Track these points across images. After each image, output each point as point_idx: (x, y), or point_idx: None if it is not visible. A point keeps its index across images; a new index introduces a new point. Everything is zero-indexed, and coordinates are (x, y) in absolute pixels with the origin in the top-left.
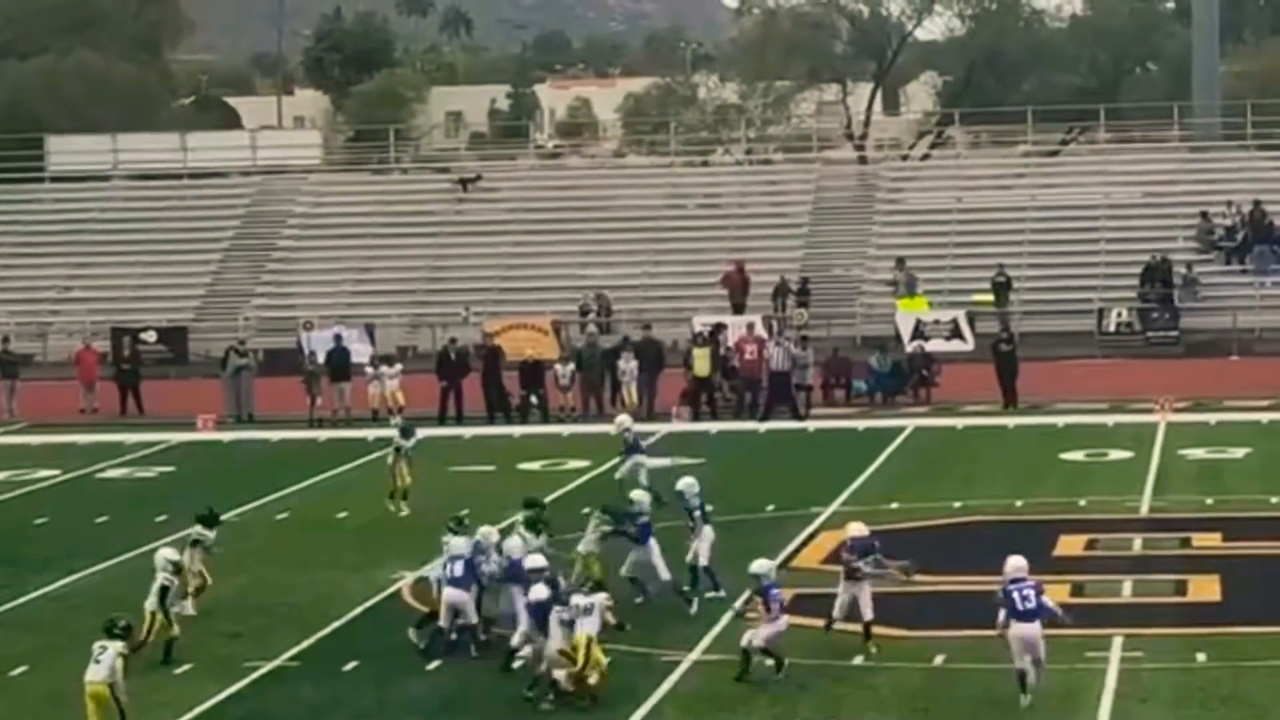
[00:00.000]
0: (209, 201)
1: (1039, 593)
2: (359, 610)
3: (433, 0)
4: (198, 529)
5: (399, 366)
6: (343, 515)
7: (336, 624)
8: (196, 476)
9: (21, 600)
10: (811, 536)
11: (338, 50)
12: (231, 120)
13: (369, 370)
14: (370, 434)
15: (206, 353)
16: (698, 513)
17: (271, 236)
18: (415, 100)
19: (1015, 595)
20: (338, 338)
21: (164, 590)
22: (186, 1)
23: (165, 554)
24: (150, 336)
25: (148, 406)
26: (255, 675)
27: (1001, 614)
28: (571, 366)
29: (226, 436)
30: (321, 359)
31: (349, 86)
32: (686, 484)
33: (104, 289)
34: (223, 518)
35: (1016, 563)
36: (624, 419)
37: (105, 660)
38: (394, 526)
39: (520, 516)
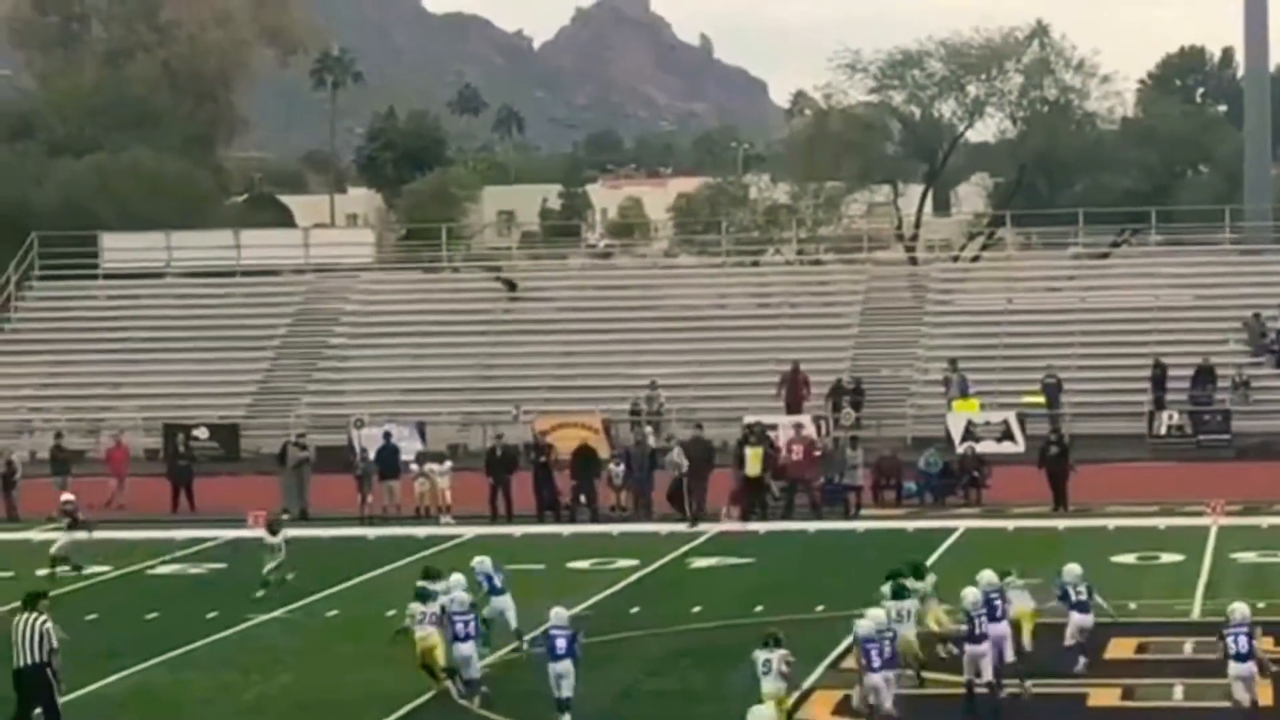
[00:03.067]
0: (262, 299)
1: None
2: (407, 709)
3: (485, 100)
4: None
5: (449, 464)
6: (392, 613)
7: None
8: (247, 573)
9: (71, 697)
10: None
11: (390, 148)
12: (284, 218)
13: (414, 468)
14: (420, 531)
15: (258, 449)
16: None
17: (323, 334)
18: (467, 199)
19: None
20: (387, 435)
21: None
22: (240, 100)
23: None
24: (202, 433)
25: (199, 503)
26: None
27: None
28: (622, 466)
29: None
30: (372, 456)
31: (401, 185)
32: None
33: (156, 385)
34: (274, 614)
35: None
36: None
37: None
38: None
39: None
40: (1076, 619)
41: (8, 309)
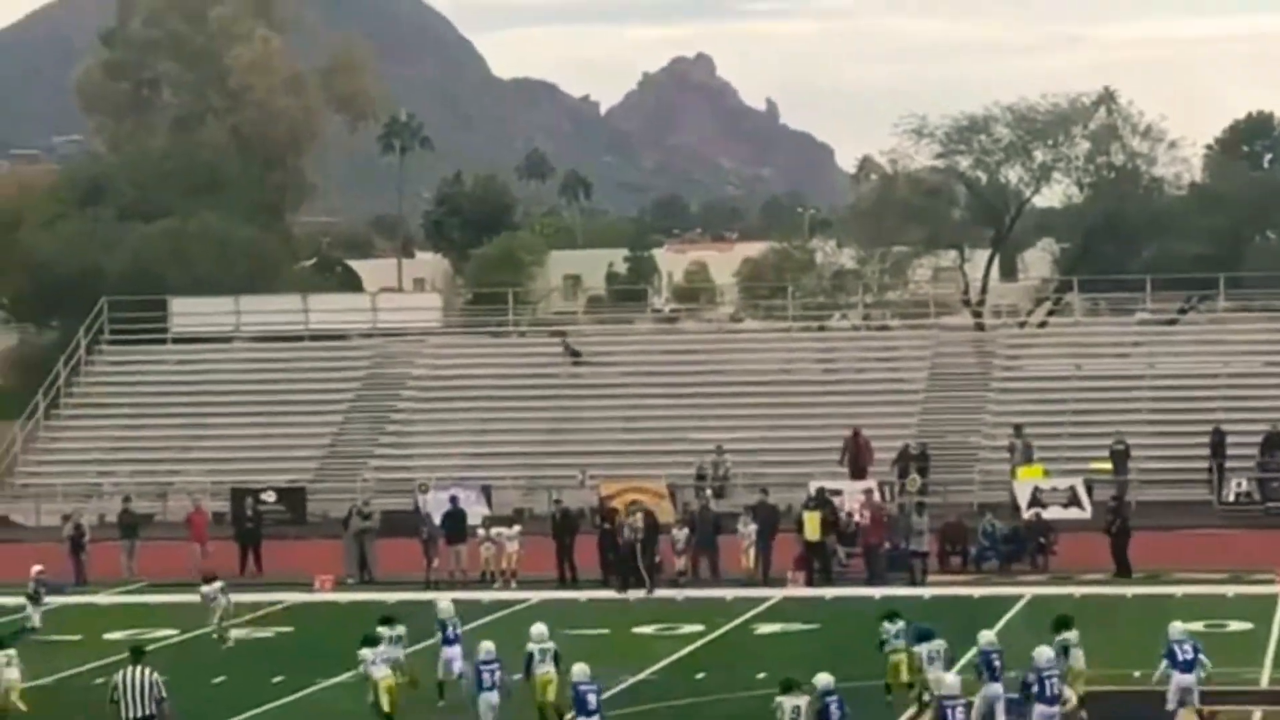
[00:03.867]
0: (329, 363)
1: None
2: None
3: (552, 164)
4: None
5: (518, 528)
6: (457, 677)
7: None
8: (313, 637)
9: None
10: (925, 705)
11: (458, 213)
12: (352, 282)
13: (480, 532)
14: (485, 596)
15: (325, 513)
16: None
17: (391, 398)
18: (534, 263)
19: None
20: (454, 499)
21: None
22: (309, 165)
23: None
24: (270, 496)
25: (266, 566)
26: None
27: None
28: (686, 530)
29: (344, 598)
30: (437, 520)
31: (468, 249)
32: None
33: (225, 449)
34: (340, 679)
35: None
36: (446, 605)
37: None
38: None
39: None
40: (1178, 679)
41: (78, 373)
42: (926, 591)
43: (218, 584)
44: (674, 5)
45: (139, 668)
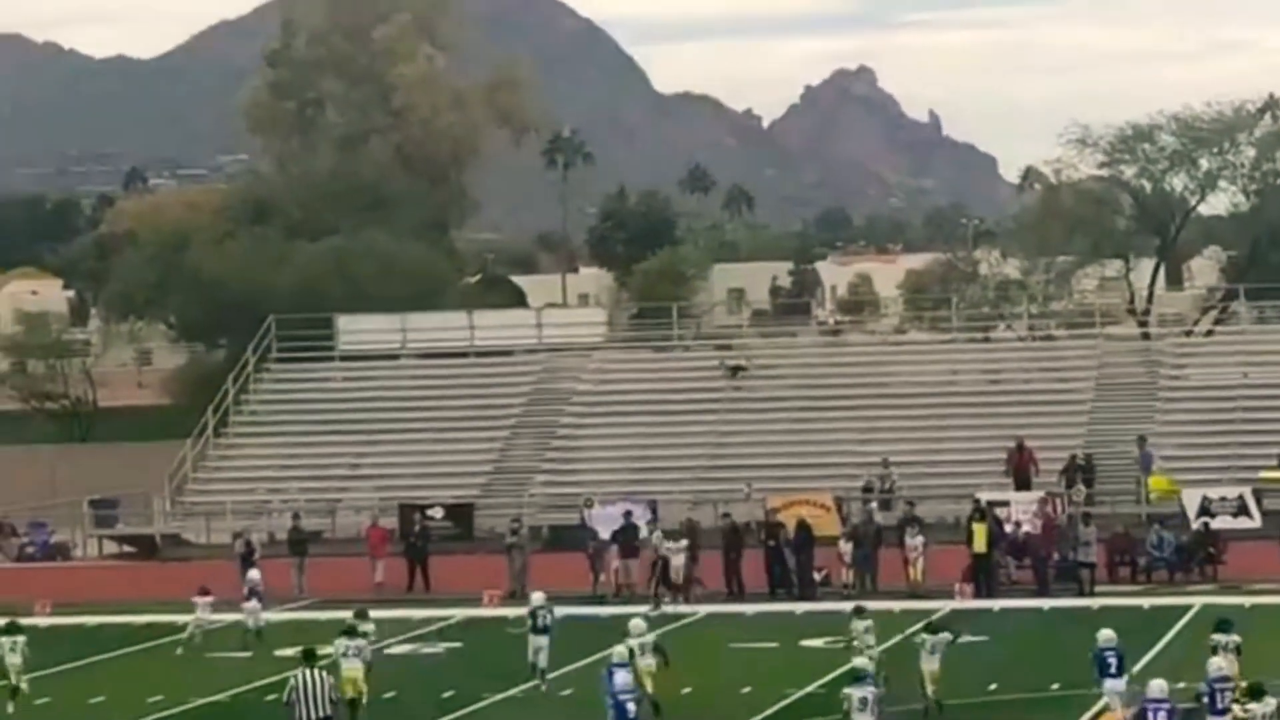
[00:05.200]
0: (495, 379)
1: None
2: None
3: (715, 178)
4: None
5: (685, 542)
6: None
7: None
8: (482, 653)
9: None
10: (1098, 715)
11: (621, 228)
12: (516, 298)
13: (654, 543)
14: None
15: (492, 529)
16: None
17: (556, 413)
18: (697, 277)
19: None
20: (627, 514)
21: None
22: (473, 181)
23: None
24: (437, 513)
25: (434, 582)
26: None
27: None
28: (851, 543)
29: (512, 612)
30: (606, 535)
31: (632, 264)
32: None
33: (392, 466)
34: (509, 694)
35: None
36: (538, 595)
37: None
38: (676, 702)
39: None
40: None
41: (246, 391)
42: (1095, 602)
43: (210, 598)
44: (836, 18)
45: (313, 669)
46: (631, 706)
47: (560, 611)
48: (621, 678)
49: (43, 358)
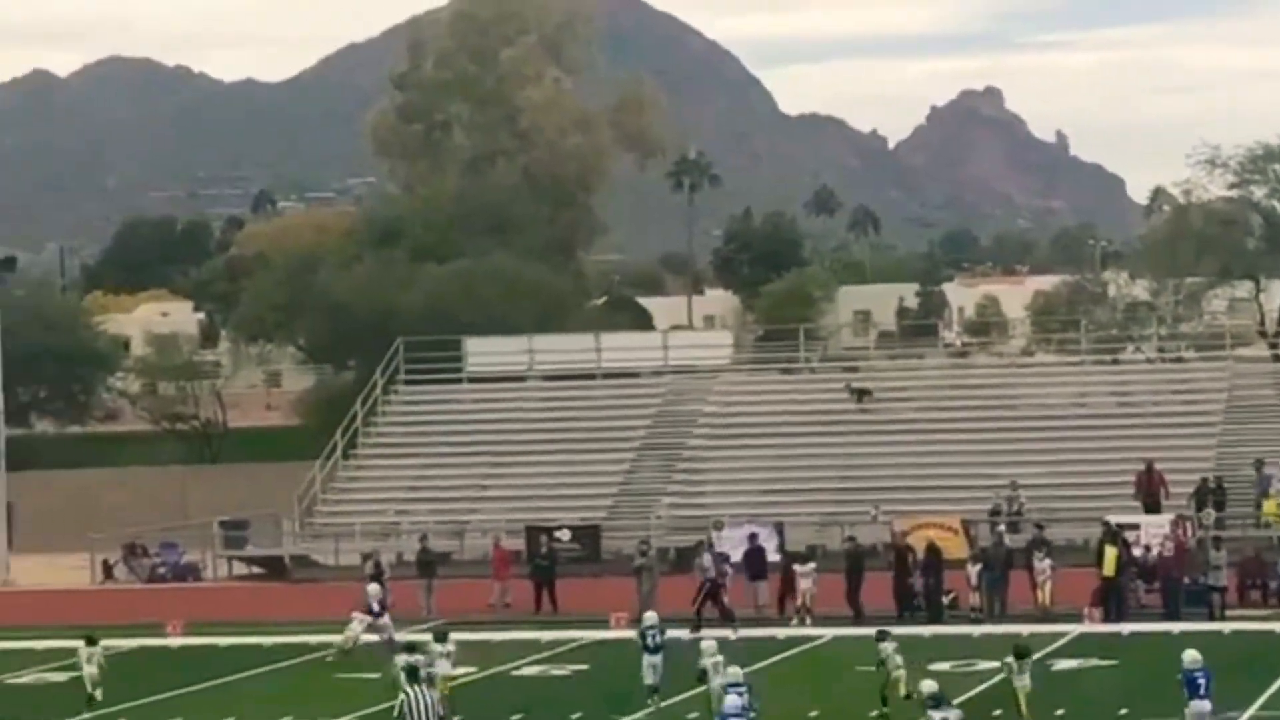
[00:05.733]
0: (621, 401)
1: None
2: None
3: (841, 199)
4: None
5: (813, 565)
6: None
7: None
8: (610, 675)
9: None
10: None
11: (747, 249)
12: (642, 320)
13: (796, 567)
14: (780, 632)
15: (619, 551)
16: None
17: (682, 435)
18: (823, 299)
19: None
20: (753, 536)
21: None
22: (599, 203)
23: None
24: (564, 534)
25: (561, 604)
26: None
27: None
28: (979, 566)
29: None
30: (737, 557)
31: (758, 285)
32: None
33: (519, 487)
34: (635, 716)
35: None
36: (650, 616)
37: None
38: None
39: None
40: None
41: (375, 413)
42: (1226, 626)
43: (98, 649)
44: (963, 38)
45: (421, 687)
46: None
47: (690, 635)
48: (732, 701)
49: (173, 379)
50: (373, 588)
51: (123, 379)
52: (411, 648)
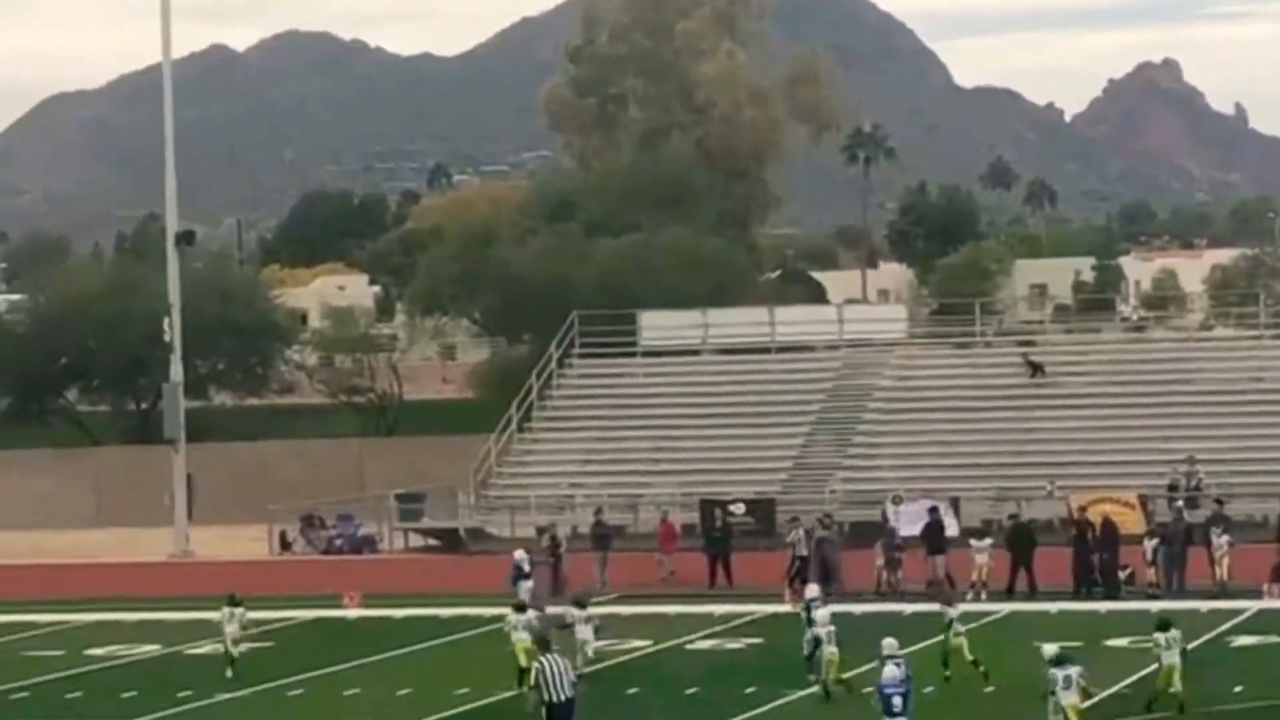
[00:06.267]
0: (795, 375)
1: None
2: None
3: (1016, 172)
4: None
5: (989, 540)
6: (929, 690)
7: None
8: (784, 649)
9: None
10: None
11: (922, 223)
12: (817, 294)
13: (974, 543)
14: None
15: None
16: None
17: (857, 409)
18: (999, 273)
19: None
20: (933, 510)
21: None
22: (773, 177)
23: None
24: (739, 508)
25: (736, 577)
26: None
27: None
28: (1156, 541)
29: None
30: (916, 531)
31: (933, 259)
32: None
33: (693, 461)
34: (810, 690)
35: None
36: (813, 589)
37: None
38: (978, 701)
39: None
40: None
41: (550, 386)
42: None
43: (240, 610)
44: (1139, 10)
45: (553, 655)
46: (898, 701)
47: (859, 610)
48: (890, 671)
49: (349, 352)
50: (519, 553)
51: (299, 352)
52: (521, 607)
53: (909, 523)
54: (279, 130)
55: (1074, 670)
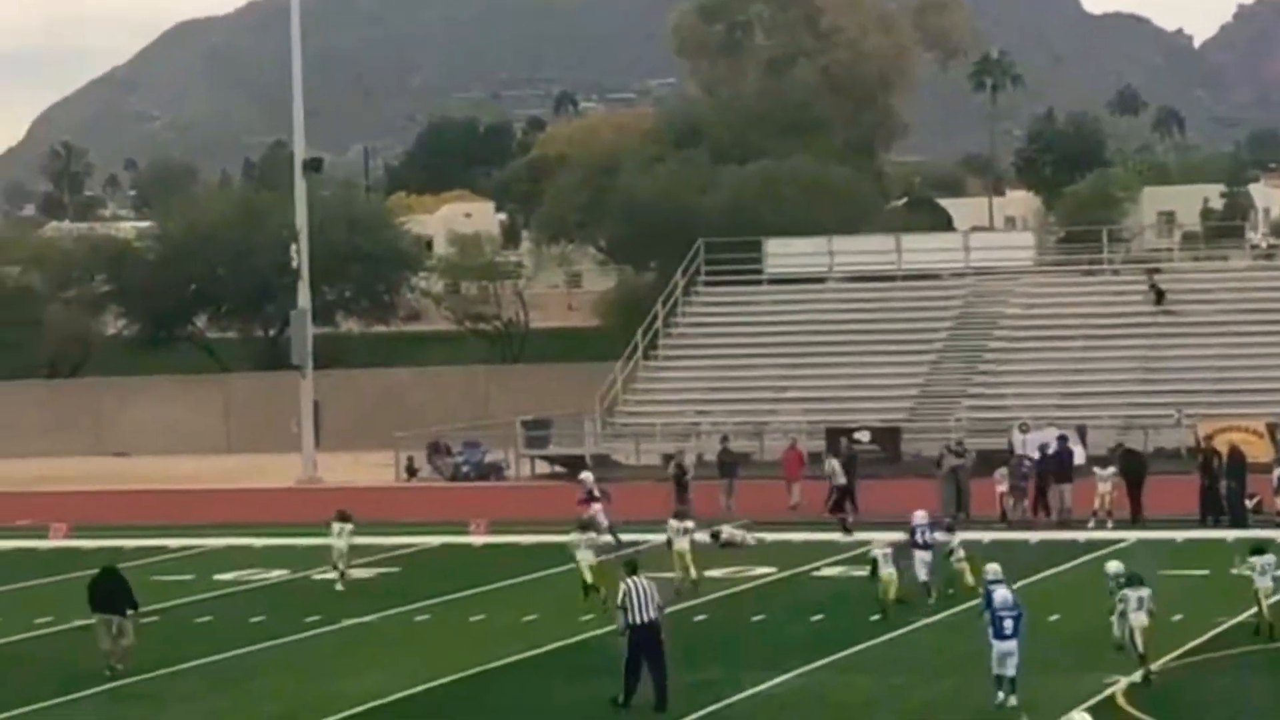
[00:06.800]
0: (921, 303)
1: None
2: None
3: (1145, 99)
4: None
5: (1112, 469)
6: (1055, 618)
7: None
8: (909, 576)
9: (736, 699)
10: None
11: (1049, 150)
12: (942, 221)
13: (1097, 471)
14: (1081, 535)
15: (919, 453)
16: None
17: (983, 338)
18: (1127, 200)
19: None
20: (1062, 439)
21: None
22: (900, 104)
23: None
24: (864, 436)
25: (861, 506)
26: None
27: None
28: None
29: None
30: (1032, 460)
31: (1060, 187)
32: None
33: (819, 389)
34: (937, 618)
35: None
36: (920, 514)
37: None
38: (1101, 632)
39: None
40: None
41: (675, 314)
42: None
43: (349, 525)
44: None
45: (639, 578)
46: (1009, 623)
47: (988, 537)
48: (1002, 594)
49: (476, 279)
50: (586, 475)
51: (426, 279)
52: (585, 526)
53: (1036, 451)
54: (406, 58)
55: (1146, 593)
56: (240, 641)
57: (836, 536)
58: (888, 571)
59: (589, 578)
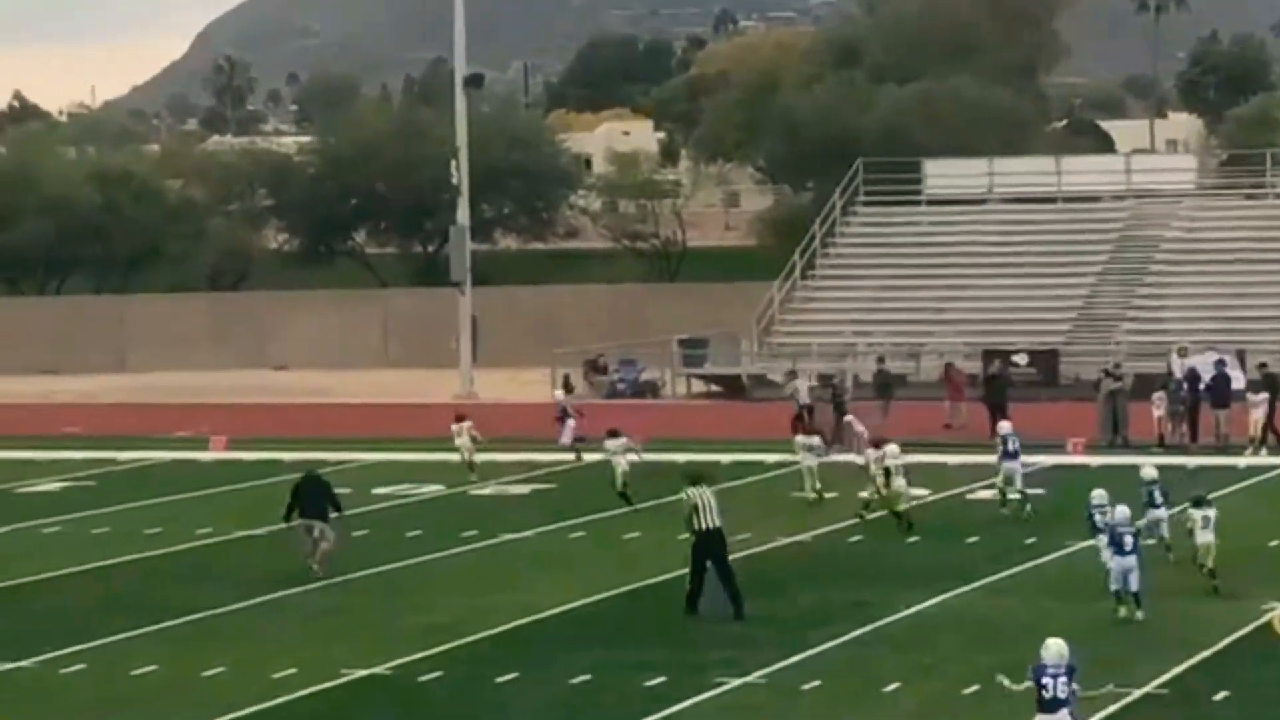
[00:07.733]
0: (1081, 225)
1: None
2: (1227, 641)
3: None
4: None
5: (1265, 395)
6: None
7: (1204, 654)
8: (1067, 500)
9: (890, 619)
10: None
11: (1213, 73)
12: (1103, 144)
13: (1249, 397)
14: (1240, 461)
15: (1076, 376)
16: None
17: (1144, 261)
18: None
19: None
20: (1220, 364)
21: None
22: (1062, 25)
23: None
24: (1021, 359)
25: (1017, 427)
26: (1123, 703)
27: None
28: None
29: (1095, 460)
30: (1185, 385)
31: (1223, 110)
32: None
33: (976, 311)
34: (1090, 543)
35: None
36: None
37: None
38: (1254, 555)
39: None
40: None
41: (833, 234)
42: None
43: (467, 423)
44: None
45: (703, 488)
46: (1129, 539)
47: (1140, 461)
48: (1122, 510)
49: (633, 197)
50: (558, 393)
51: (584, 197)
52: (615, 433)
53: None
54: None
55: (1212, 512)
56: (397, 556)
57: (989, 459)
58: (899, 482)
59: (619, 484)
